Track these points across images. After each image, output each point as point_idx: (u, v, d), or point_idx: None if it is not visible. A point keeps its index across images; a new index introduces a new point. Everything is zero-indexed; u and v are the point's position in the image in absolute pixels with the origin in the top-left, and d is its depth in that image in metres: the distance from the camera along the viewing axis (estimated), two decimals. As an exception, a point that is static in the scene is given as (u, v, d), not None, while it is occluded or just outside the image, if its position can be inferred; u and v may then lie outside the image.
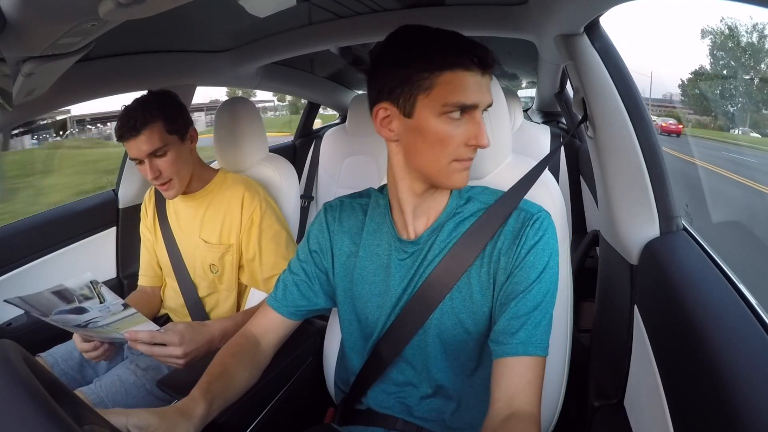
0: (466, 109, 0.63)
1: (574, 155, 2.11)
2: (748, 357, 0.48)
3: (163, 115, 1.01)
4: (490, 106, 0.66)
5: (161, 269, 1.21)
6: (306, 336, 0.94)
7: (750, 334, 0.52)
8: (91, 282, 0.72)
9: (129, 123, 0.97)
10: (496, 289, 0.68)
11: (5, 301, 0.69)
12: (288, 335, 0.83)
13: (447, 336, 0.71)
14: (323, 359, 0.93)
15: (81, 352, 0.93)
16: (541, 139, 2.10)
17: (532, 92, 3.94)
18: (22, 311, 1.28)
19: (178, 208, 1.15)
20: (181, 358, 0.81)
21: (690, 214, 0.94)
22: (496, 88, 0.80)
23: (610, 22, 0.86)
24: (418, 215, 0.73)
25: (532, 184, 0.74)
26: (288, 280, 0.81)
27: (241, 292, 1.15)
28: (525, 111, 2.57)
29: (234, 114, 1.21)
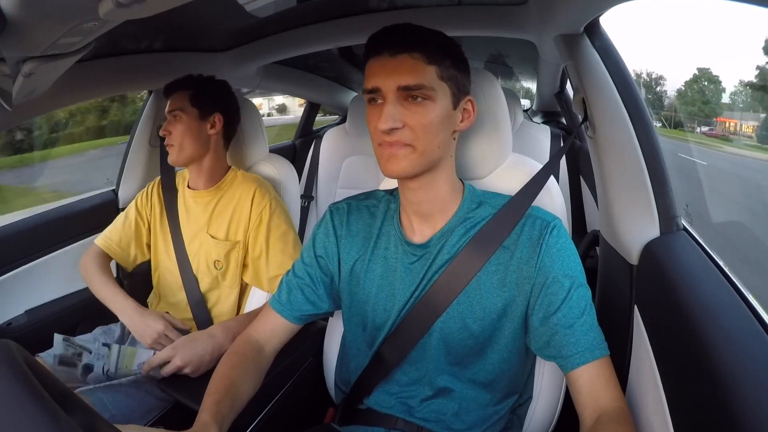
0: (374, 94, 0.64)
1: (574, 155, 2.10)
2: (747, 357, 0.48)
3: (195, 88, 1.10)
4: (408, 88, 0.62)
5: (149, 255, 1.22)
6: (306, 336, 0.93)
7: (750, 334, 0.51)
8: (63, 340, 0.88)
9: (172, 83, 1.12)
10: (519, 298, 0.68)
11: None
12: (290, 338, 0.83)
13: (451, 339, 0.71)
14: (323, 360, 0.93)
15: None
16: (541, 139, 2.10)
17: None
18: (22, 311, 1.28)
19: (188, 203, 1.16)
20: (186, 367, 0.87)
21: (690, 214, 0.93)
22: (495, 87, 0.80)
23: (610, 22, 0.87)
24: (423, 215, 0.72)
25: (541, 188, 0.74)
26: (292, 283, 0.81)
27: (243, 289, 1.15)
28: (525, 111, 2.56)
29: None
